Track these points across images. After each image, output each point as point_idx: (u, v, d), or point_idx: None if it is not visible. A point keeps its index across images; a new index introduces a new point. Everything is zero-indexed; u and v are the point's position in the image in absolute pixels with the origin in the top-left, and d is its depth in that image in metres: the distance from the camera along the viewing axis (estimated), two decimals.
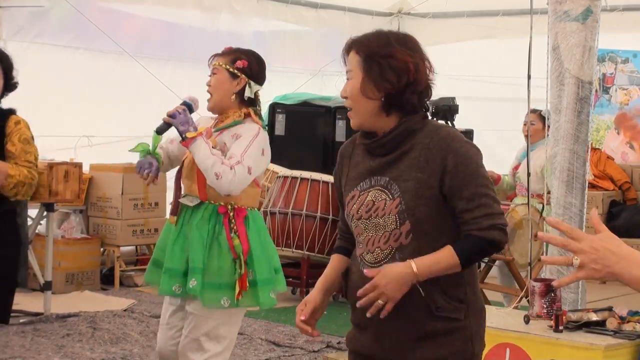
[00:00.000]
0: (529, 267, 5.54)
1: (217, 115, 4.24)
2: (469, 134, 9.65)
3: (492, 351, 4.15)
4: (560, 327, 4.11)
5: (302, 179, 7.93)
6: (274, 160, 5.69)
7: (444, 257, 2.67)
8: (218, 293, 4.04)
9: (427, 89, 2.81)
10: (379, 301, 2.66)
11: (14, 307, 7.18)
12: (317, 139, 9.14)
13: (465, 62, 10.94)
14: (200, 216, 4.08)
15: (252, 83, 4.17)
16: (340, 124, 9.86)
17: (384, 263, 2.75)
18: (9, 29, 8.31)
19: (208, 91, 4.20)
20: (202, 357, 4.08)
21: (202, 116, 4.39)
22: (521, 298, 5.39)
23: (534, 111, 6.67)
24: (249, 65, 4.18)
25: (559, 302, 4.29)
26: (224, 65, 4.18)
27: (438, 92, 10.87)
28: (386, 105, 2.76)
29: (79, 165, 7.23)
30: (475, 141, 10.48)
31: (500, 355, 4.12)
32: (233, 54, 4.25)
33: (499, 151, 9.86)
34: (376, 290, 2.67)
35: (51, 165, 7.01)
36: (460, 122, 9.85)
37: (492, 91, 10.71)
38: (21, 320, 6.86)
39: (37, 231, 7.43)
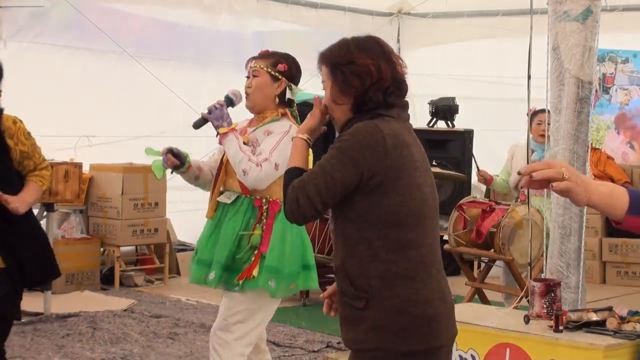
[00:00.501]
0: (529, 267, 5.54)
1: (254, 114, 4.39)
2: (469, 133, 9.65)
3: (492, 351, 4.15)
4: (560, 327, 4.11)
5: None
6: None
7: (295, 158, 3.05)
8: (235, 279, 4.22)
9: (395, 85, 2.94)
10: None
11: None
12: (317, 140, 9.13)
13: (465, 62, 10.94)
14: (236, 210, 4.24)
15: (293, 85, 4.37)
16: None
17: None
18: (9, 29, 8.31)
19: (247, 92, 4.34)
20: (228, 337, 4.20)
21: (239, 122, 4.48)
22: (521, 298, 5.39)
23: (544, 111, 6.66)
24: (289, 69, 4.37)
25: (559, 302, 4.29)
26: (265, 68, 4.33)
27: (438, 92, 10.87)
28: (355, 108, 2.94)
29: (79, 165, 7.24)
30: (475, 141, 10.51)
31: (500, 355, 4.13)
32: (273, 57, 4.40)
33: (499, 151, 9.84)
34: None
35: (51, 165, 7.00)
36: (460, 122, 9.86)
37: (492, 91, 10.71)
38: (21, 320, 6.86)
39: None
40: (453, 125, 9.78)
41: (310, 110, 3.16)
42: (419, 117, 10.84)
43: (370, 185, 2.81)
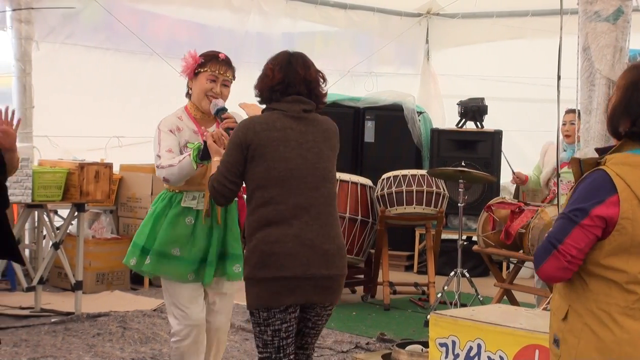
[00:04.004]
0: None
1: (201, 115, 4.60)
2: (498, 134, 9.62)
3: (521, 352, 4.14)
4: None
5: None
6: None
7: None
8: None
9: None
10: None
11: (46, 306, 7.28)
12: (345, 140, 9.14)
13: (495, 63, 10.91)
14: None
15: None
16: (369, 125, 9.85)
17: None
18: (41, 30, 8.39)
19: (214, 98, 4.55)
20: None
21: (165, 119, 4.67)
22: (550, 299, 5.36)
23: (572, 111, 6.63)
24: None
25: None
26: (232, 81, 4.61)
27: (467, 92, 10.78)
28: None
29: (109, 166, 7.27)
30: (504, 142, 10.40)
31: (529, 356, 4.11)
32: (232, 67, 4.68)
33: (527, 152, 9.80)
34: None
35: (82, 166, 7.05)
36: (489, 123, 9.82)
37: (521, 92, 10.67)
38: (52, 320, 6.92)
39: (68, 231, 7.49)
40: (482, 126, 9.74)
41: (338, 111, 3.42)
42: (448, 117, 10.81)
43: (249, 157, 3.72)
